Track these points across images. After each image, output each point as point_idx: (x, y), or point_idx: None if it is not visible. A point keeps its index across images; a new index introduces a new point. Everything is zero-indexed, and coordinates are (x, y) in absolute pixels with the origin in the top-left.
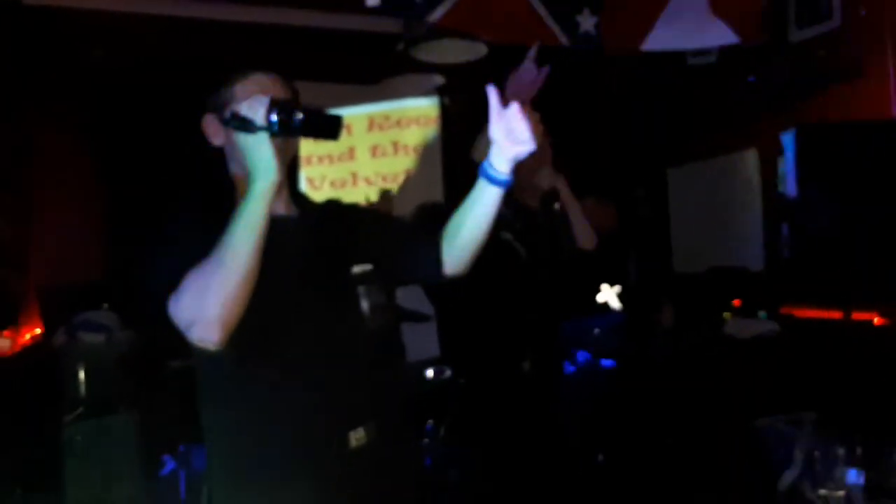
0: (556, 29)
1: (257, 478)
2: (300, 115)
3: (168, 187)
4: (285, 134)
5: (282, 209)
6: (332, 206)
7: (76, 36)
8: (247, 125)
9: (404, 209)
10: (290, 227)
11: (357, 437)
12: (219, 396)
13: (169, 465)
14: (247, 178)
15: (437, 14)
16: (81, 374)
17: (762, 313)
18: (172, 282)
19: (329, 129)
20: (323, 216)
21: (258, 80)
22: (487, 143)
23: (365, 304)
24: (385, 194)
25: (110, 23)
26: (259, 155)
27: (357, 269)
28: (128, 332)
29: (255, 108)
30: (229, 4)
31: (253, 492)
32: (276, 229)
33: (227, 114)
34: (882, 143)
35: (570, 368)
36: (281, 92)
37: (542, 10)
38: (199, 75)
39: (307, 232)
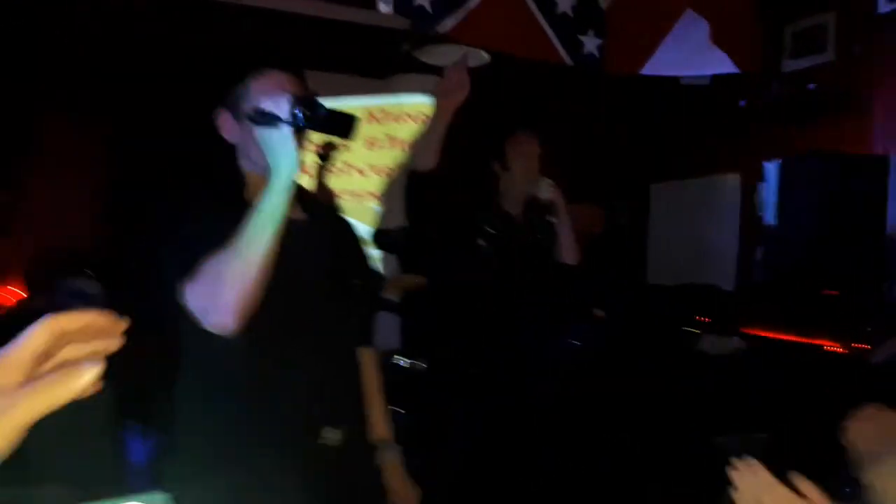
0: (560, 48)
1: (231, 465)
2: (323, 111)
3: (165, 163)
4: (309, 129)
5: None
6: (338, 217)
7: (75, 7)
8: (271, 120)
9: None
10: (297, 232)
11: (332, 436)
12: (206, 383)
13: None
14: (260, 175)
15: (447, 25)
16: None
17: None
18: (169, 263)
19: (346, 128)
20: (332, 221)
21: (274, 76)
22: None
23: (354, 312)
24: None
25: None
26: (283, 150)
27: (355, 280)
28: (109, 301)
29: (279, 103)
30: None
31: (225, 477)
32: (287, 229)
33: (248, 109)
34: (861, 176)
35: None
36: (297, 88)
37: (548, 29)
38: (201, 56)
39: (317, 235)
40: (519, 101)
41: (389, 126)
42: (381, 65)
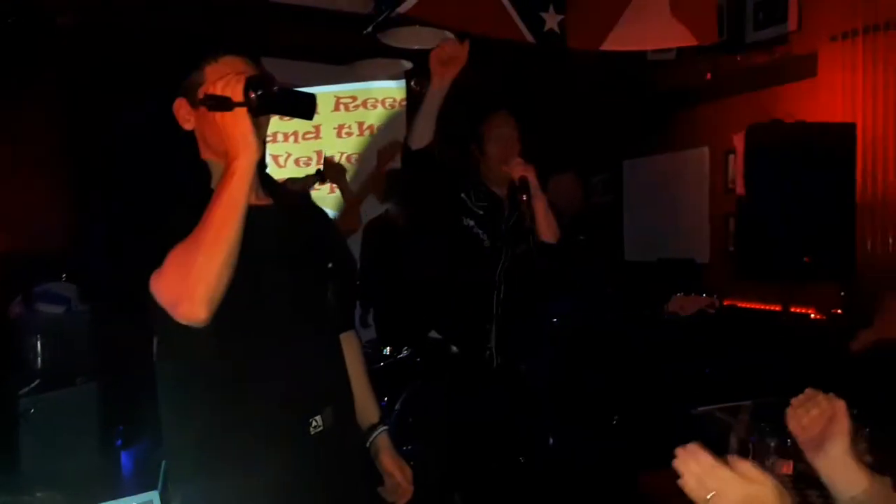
0: (521, 26)
1: (219, 460)
2: (278, 92)
3: (135, 161)
4: (263, 111)
5: (251, 198)
6: (308, 202)
7: (43, 3)
8: (224, 103)
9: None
10: (262, 217)
11: (316, 423)
12: (184, 377)
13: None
14: (221, 162)
15: (407, 4)
16: (38, 346)
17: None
18: (137, 258)
19: (304, 107)
20: (300, 207)
21: (229, 61)
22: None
23: (331, 297)
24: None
25: None
26: (238, 132)
27: (330, 264)
28: (87, 304)
29: (232, 86)
30: None
31: (213, 473)
32: (250, 218)
33: (201, 94)
34: (829, 146)
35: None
36: (252, 71)
37: (509, 7)
38: (168, 47)
39: (284, 220)
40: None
41: (359, 112)
42: (346, 51)
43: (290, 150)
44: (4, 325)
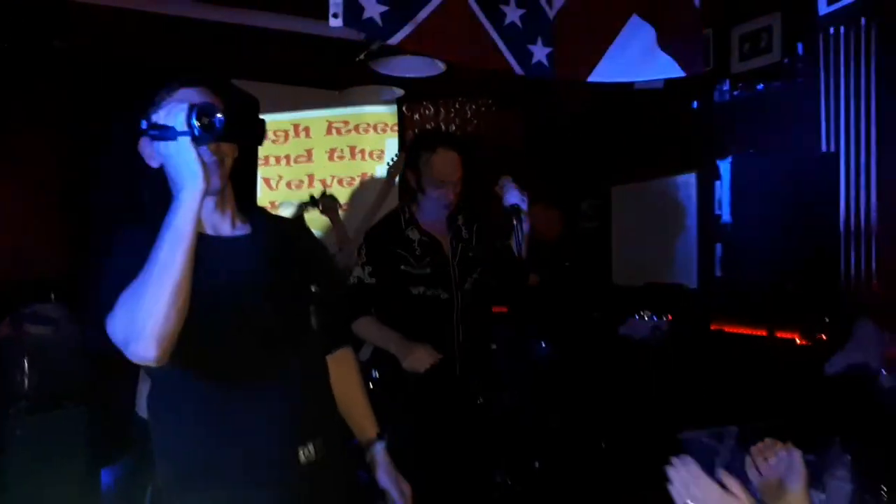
0: (510, 58)
1: (205, 490)
2: (221, 118)
3: (124, 186)
4: (208, 139)
5: (226, 229)
6: (293, 224)
7: (37, 25)
8: (166, 132)
9: (359, 211)
10: (237, 246)
11: (307, 452)
12: (167, 408)
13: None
14: None
15: (398, 37)
16: (25, 367)
17: (646, 313)
18: (121, 283)
19: (253, 133)
20: (280, 232)
21: (186, 95)
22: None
23: (315, 322)
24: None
25: (73, 13)
26: (182, 162)
27: (313, 288)
28: (76, 325)
29: (175, 114)
30: (195, 2)
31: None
32: (221, 250)
33: (144, 124)
34: (813, 175)
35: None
36: (205, 99)
37: (497, 40)
38: (162, 72)
39: (259, 250)
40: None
41: (351, 137)
42: (338, 76)
43: (282, 173)
44: None
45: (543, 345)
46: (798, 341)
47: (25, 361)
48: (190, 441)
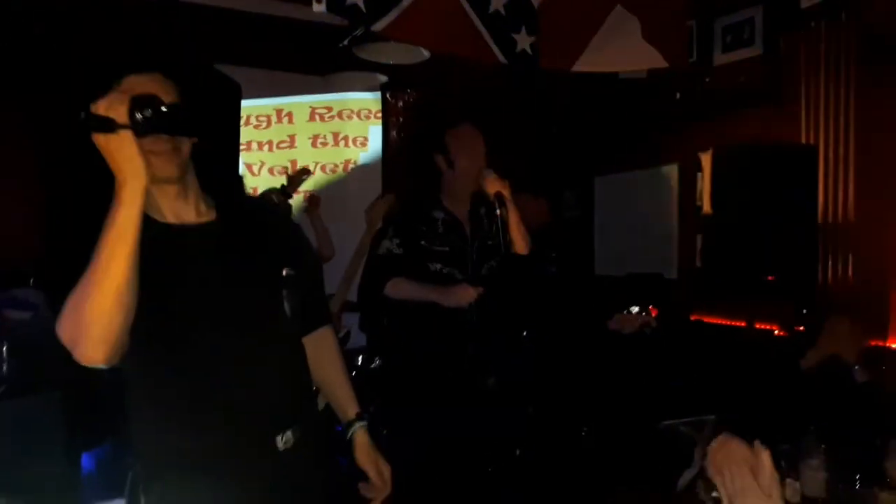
0: (493, 46)
1: (183, 478)
2: (166, 111)
3: (102, 170)
4: (150, 131)
5: (190, 216)
6: (262, 206)
7: (17, 11)
8: (106, 125)
9: (345, 197)
10: (199, 233)
11: (284, 439)
12: (141, 396)
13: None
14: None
15: (381, 23)
16: (4, 352)
17: (635, 308)
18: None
19: (199, 125)
20: (248, 215)
21: (135, 81)
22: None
23: (287, 307)
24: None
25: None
26: (123, 157)
27: (286, 272)
28: (54, 310)
29: (116, 106)
30: None
31: (179, 491)
32: (184, 238)
33: (83, 115)
34: (792, 167)
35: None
36: (159, 91)
37: (481, 28)
38: (146, 58)
39: (223, 235)
40: (462, 98)
41: (334, 123)
42: (321, 62)
43: (265, 159)
44: None
45: (527, 333)
46: (776, 332)
47: (3, 346)
48: (163, 431)
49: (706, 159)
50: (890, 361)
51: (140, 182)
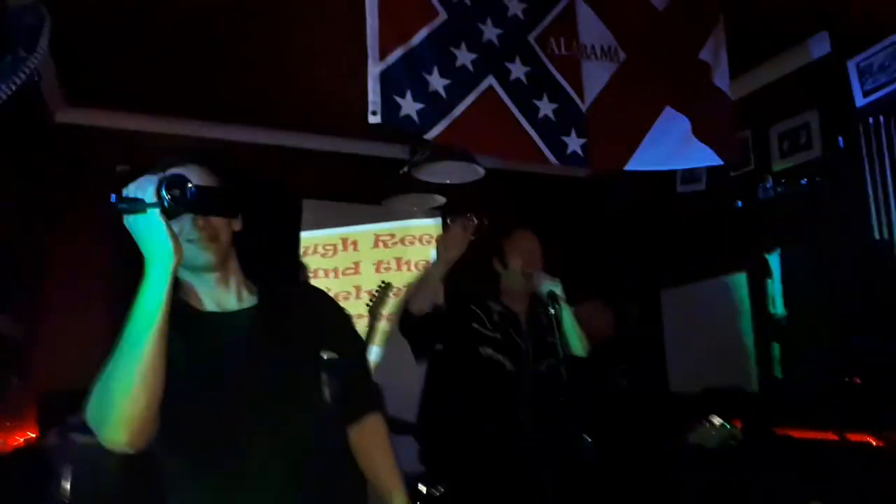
0: (545, 149)
1: None
2: (193, 189)
3: None
4: (179, 211)
5: (231, 304)
6: (307, 289)
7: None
8: (135, 205)
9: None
10: (239, 319)
11: None
12: (177, 488)
13: None
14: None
15: (434, 132)
16: (69, 476)
17: (716, 418)
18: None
19: (227, 205)
20: (290, 299)
21: (171, 167)
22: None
23: (327, 392)
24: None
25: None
26: (152, 237)
27: (326, 355)
28: None
29: (144, 186)
30: (248, 127)
31: None
32: (224, 325)
33: (114, 197)
34: (866, 262)
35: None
36: (196, 178)
37: (531, 132)
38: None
39: (264, 320)
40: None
41: (397, 249)
42: (383, 190)
43: (330, 286)
44: (39, 457)
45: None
46: (873, 443)
47: (69, 471)
48: None
49: (775, 263)
50: None
51: (167, 262)
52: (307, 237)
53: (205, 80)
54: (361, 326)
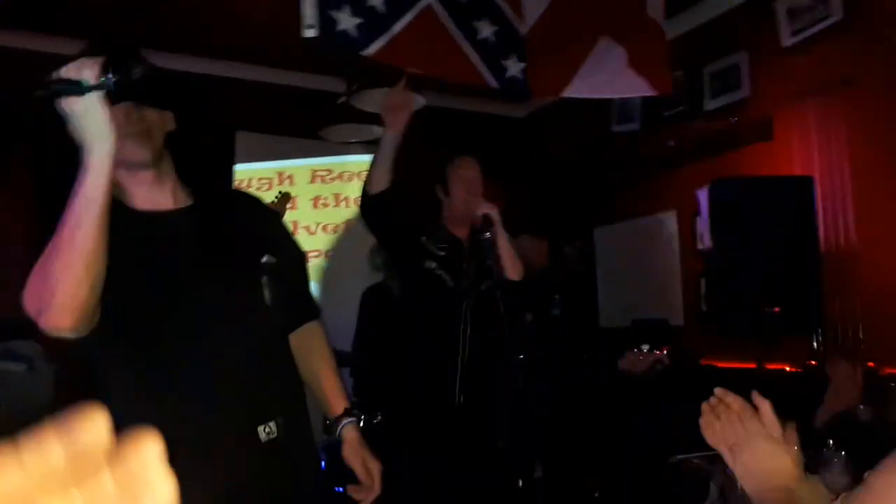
0: (485, 71)
1: None
2: (140, 76)
3: None
4: (122, 96)
5: (168, 202)
6: (243, 195)
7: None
8: (75, 87)
9: (347, 257)
10: (174, 219)
11: (267, 430)
12: (113, 384)
13: None
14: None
15: (372, 48)
16: None
17: (645, 346)
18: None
19: (165, 96)
20: (227, 203)
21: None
22: None
23: (268, 295)
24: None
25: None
26: (91, 120)
27: (265, 259)
28: (52, 364)
29: (85, 68)
30: (178, 55)
31: None
32: (156, 224)
33: (50, 77)
34: (789, 198)
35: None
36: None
37: (471, 53)
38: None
39: (199, 221)
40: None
41: (335, 185)
42: (321, 124)
43: None
44: None
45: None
46: (788, 370)
47: None
48: (138, 421)
49: (703, 197)
50: None
51: (108, 145)
52: (241, 170)
53: (131, 3)
54: None
